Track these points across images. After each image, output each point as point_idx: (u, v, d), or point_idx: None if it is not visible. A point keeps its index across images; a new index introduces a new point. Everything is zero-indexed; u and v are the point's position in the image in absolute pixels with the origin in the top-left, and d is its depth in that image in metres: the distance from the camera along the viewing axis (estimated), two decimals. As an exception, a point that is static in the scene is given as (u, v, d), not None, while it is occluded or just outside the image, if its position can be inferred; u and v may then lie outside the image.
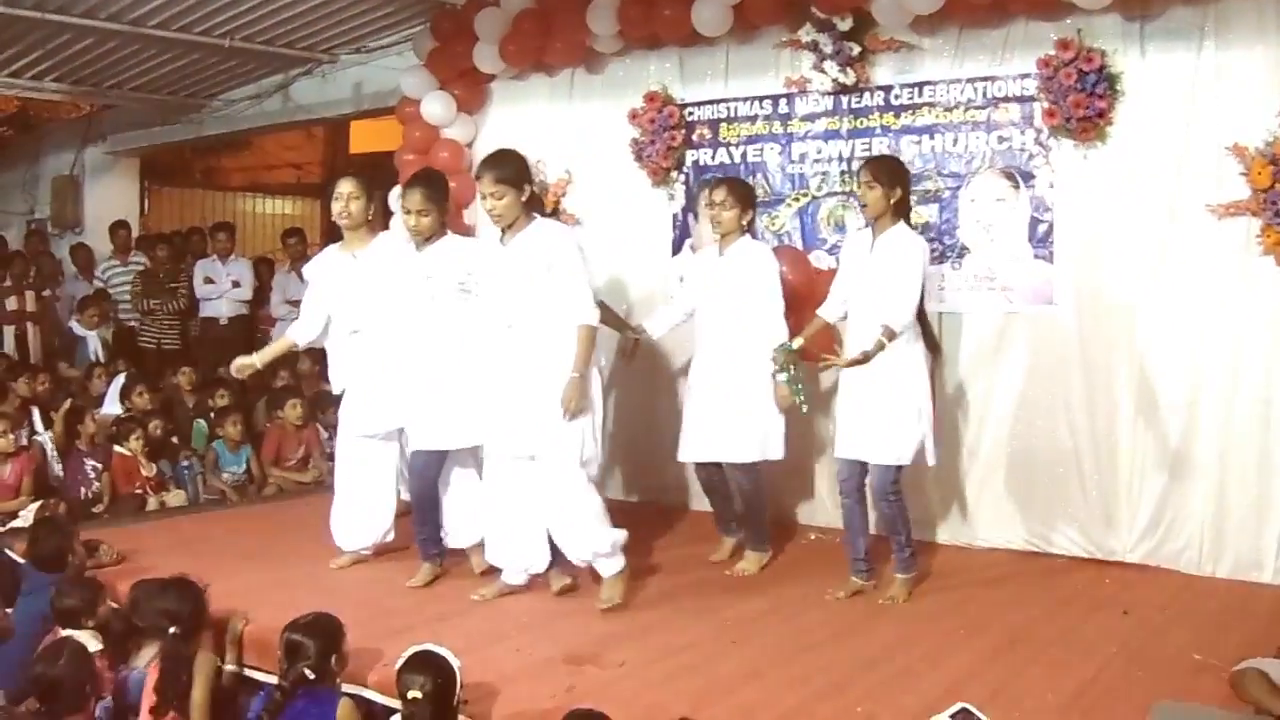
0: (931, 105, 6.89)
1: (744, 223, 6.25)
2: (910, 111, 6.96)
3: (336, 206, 6.26)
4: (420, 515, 6.10)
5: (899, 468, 5.66)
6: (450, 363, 5.88)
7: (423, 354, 5.93)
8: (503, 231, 5.57)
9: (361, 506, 6.37)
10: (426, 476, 6.03)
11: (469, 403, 5.80)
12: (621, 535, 5.63)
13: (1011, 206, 6.66)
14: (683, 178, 7.76)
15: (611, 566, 5.61)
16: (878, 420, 5.62)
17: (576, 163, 8.13)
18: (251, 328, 11.18)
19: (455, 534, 6.22)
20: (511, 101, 8.60)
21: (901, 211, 5.68)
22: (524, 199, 5.49)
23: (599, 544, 5.57)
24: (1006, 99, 6.65)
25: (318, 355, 9.98)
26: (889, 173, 5.68)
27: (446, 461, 6.09)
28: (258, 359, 6.47)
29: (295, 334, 6.50)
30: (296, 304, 10.36)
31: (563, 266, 5.42)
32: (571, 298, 5.41)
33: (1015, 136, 6.63)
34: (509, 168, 5.50)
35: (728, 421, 6.20)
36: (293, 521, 7.61)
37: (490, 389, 5.65)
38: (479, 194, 5.57)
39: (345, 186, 6.25)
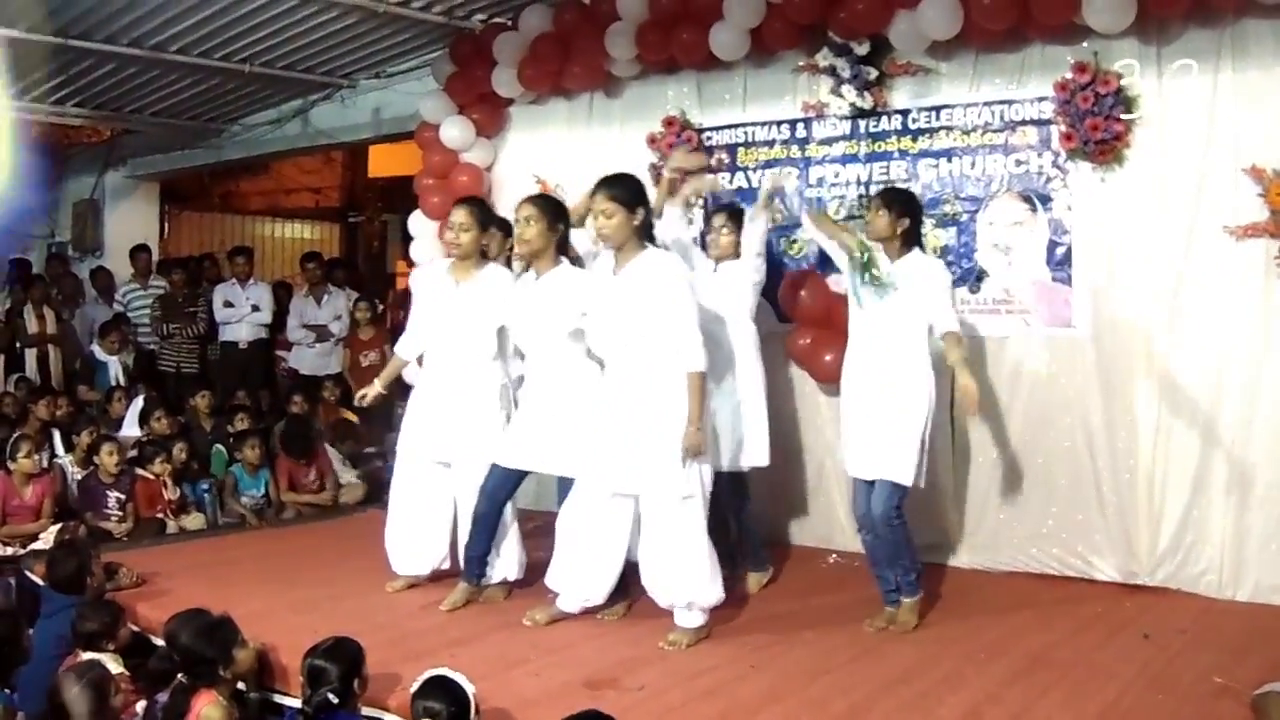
0: (949, 129, 6.91)
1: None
2: (927, 135, 6.98)
3: (449, 236, 6.28)
4: (478, 534, 6.04)
5: (904, 491, 5.63)
6: (553, 389, 5.85)
7: (529, 379, 5.97)
8: (615, 258, 5.46)
9: (418, 531, 6.34)
10: (498, 497, 5.98)
11: (563, 432, 5.76)
12: (715, 598, 5.48)
13: (1029, 229, 6.66)
14: (701, 202, 7.74)
15: (690, 621, 5.46)
16: (884, 437, 5.59)
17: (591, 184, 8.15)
18: (272, 350, 11.20)
19: (493, 569, 6.23)
20: (530, 126, 8.67)
21: (911, 241, 5.68)
22: (636, 222, 5.35)
23: (689, 599, 5.44)
24: (1023, 122, 6.66)
25: (340, 380, 10.08)
26: (901, 202, 5.70)
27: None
28: (380, 385, 6.42)
29: (402, 350, 6.49)
30: (313, 329, 10.50)
31: (672, 305, 5.26)
32: (679, 340, 5.26)
33: (1032, 159, 6.64)
34: (623, 187, 5.39)
35: (729, 427, 6.22)
36: (312, 545, 7.64)
37: (592, 421, 5.56)
38: (591, 212, 5.48)
39: (458, 216, 6.17)
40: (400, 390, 6.83)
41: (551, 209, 5.88)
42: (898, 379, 5.58)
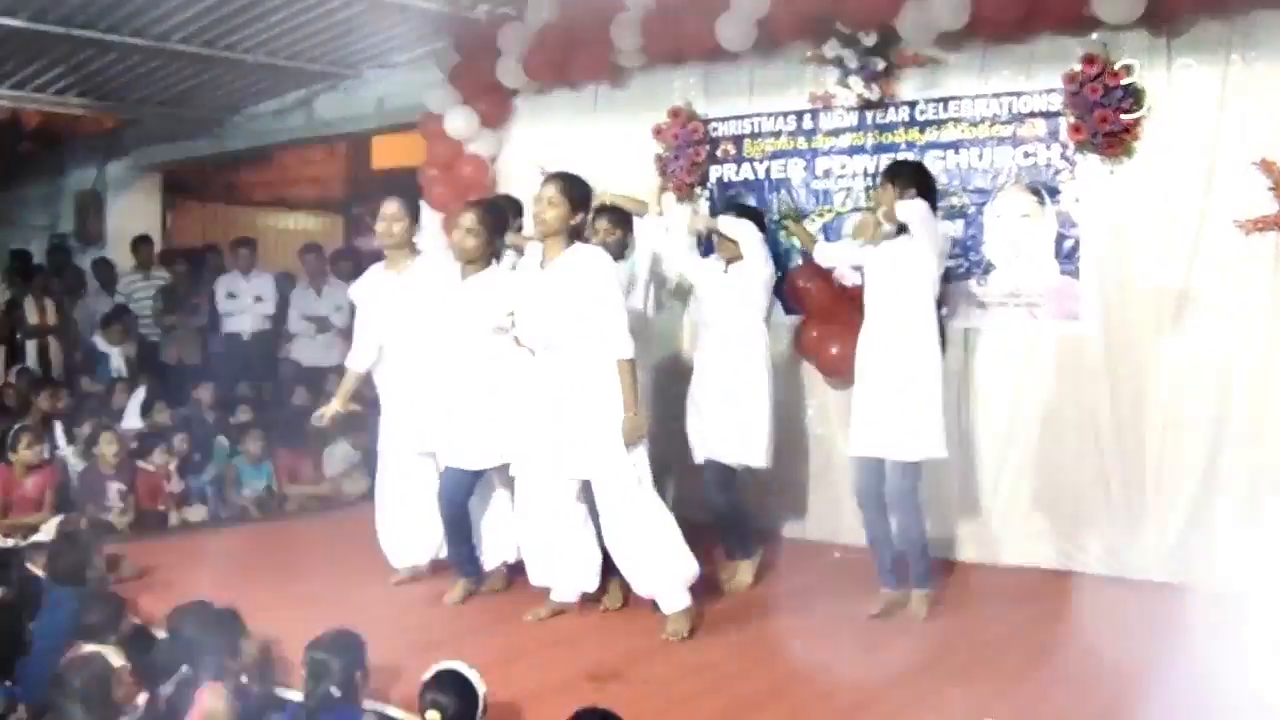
0: (957, 120, 6.90)
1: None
2: (935, 127, 6.97)
3: (380, 227, 6.32)
4: (452, 536, 6.12)
5: (919, 469, 5.70)
6: (482, 384, 5.90)
7: (456, 377, 5.97)
8: (542, 256, 5.59)
9: (410, 522, 6.39)
10: (456, 499, 6.03)
11: (501, 424, 5.81)
12: (690, 573, 5.52)
13: (1037, 222, 6.67)
14: (707, 193, 7.79)
15: (674, 604, 5.50)
16: (898, 414, 5.66)
17: (600, 178, 8.09)
18: (275, 341, 11.19)
19: (486, 554, 6.27)
20: (535, 116, 8.63)
21: None
22: (572, 221, 5.50)
23: (664, 578, 5.49)
24: (1032, 114, 6.65)
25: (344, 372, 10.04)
26: (906, 174, 5.78)
27: (481, 482, 6.12)
28: (337, 403, 6.50)
29: (353, 362, 6.53)
30: (314, 320, 10.48)
31: (599, 294, 5.37)
32: (607, 329, 5.37)
33: (1041, 152, 6.64)
34: (575, 185, 5.54)
35: (731, 424, 6.33)
36: (316, 537, 7.68)
37: (530, 409, 5.62)
38: (535, 197, 5.58)
39: (389, 207, 6.30)
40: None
41: (492, 220, 6.02)
42: (904, 353, 5.68)
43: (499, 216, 6.11)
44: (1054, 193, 6.61)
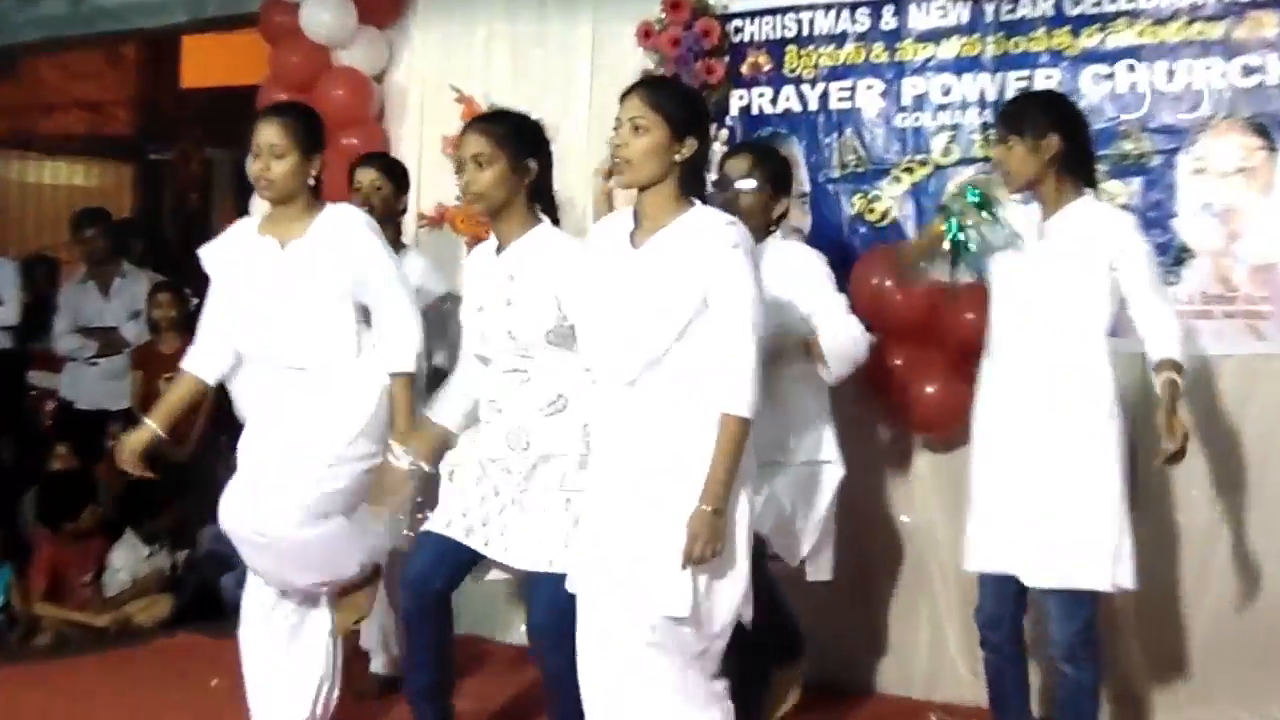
0: (1132, 16, 6.84)
1: (774, 215, 6.29)
2: (1096, 27, 6.92)
3: (255, 166, 6.08)
4: (418, 651, 5.89)
5: (1095, 603, 5.50)
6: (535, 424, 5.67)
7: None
8: (636, 219, 5.22)
9: (279, 656, 6.22)
10: (432, 583, 5.75)
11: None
12: None
13: (1263, 181, 6.61)
14: (726, 134, 7.71)
15: None
16: (1058, 522, 5.44)
17: (553, 111, 7.95)
18: (21, 370, 11.03)
19: None
20: (447, 12, 8.65)
21: (1078, 175, 5.58)
22: (676, 157, 5.09)
23: None
24: (1255, 4, 6.59)
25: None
26: (1036, 117, 5.58)
27: None
28: (156, 424, 6.24)
29: (195, 364, 6.27)
30: (94, 332, 10.33)
31: (726, 305, 4.98)
32: (725, 363, 4.96)
33: (1271, 67, 6.57)
34: (676, 100, 5.17)
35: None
36: (88, 689, 7.54)
37: (589, 485, 5.31)
38: (617, 121, 5.23)
39: (266, 132, 6.03)
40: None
41: (514, 136, 5.72)
42: (1065, 419, 5.47)
43: (529, 130, 5.85)
44: (1292, 134, 6.58)
